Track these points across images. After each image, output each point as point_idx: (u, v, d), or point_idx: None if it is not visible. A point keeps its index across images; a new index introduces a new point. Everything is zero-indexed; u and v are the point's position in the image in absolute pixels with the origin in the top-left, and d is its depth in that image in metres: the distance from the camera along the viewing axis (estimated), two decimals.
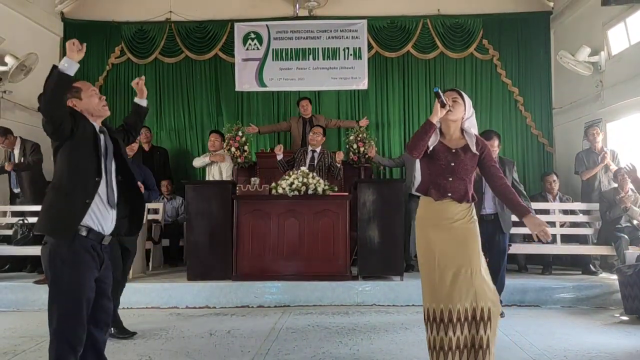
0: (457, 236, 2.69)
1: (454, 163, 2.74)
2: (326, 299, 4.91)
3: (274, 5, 7.88)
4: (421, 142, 2.69)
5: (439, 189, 2.74)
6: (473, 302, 2.60)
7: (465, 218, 2.73)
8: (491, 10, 7.77)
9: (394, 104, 7.85)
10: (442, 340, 2.60)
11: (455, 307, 2.60)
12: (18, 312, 4.84)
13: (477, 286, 2.62)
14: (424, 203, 2.82)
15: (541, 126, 7.69)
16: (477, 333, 2.59)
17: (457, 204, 2.73)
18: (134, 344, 3.65)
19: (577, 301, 4.89)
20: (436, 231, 2.71)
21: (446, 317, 2.60)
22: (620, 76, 6.11)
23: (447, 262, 2.65)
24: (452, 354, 2.59)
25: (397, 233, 5.14)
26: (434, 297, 2.65)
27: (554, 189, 6.03)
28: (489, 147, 2.87)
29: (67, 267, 2.33)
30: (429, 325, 2.66)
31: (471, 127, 2.82)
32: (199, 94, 7.97)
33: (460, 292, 2.61)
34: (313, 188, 5.02)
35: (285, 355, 3.37)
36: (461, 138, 2.81)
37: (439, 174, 2.75)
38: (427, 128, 2.68)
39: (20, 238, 5.58)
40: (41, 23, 7.42)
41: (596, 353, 3.37)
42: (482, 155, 2.80)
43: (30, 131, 6.70)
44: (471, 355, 2.60)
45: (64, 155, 2.39)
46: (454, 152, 2.76)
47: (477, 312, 2.59)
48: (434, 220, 2.74)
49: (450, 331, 2.59)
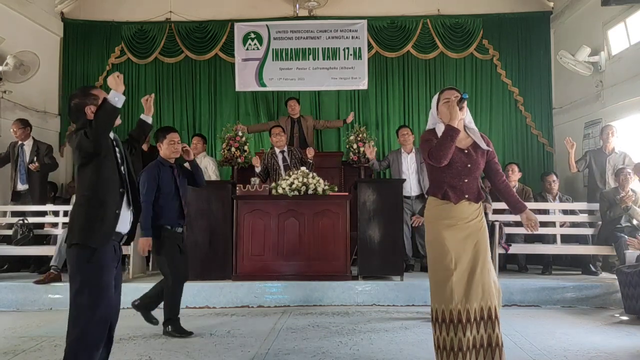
0: (471, 236, 2.69)
1: (470, 164, 2.74)
2: (326, 299, 4.92)
3: (274, 5, 7.88)
4: (449, 150, 2.67)
5: (457, 192, 2.73)
6: (487, 300, 2.61)
7: (478, 217, 2.75)
8: (491, 10, 7.77)
9: (394, 104, 7.86)
10: (460, 341, 2.58)
11: (472, 306, 2.60)
12: (18, 312, 4.85)
13: (487, 284, 2.63)
14: (437, 204, 2.78)
15: (541, 126, 7.69)
16: (493, 331, 2.59)
17: (473, 204, 2.75)
18: (134, 344, 3.65)
19: (577, 301, 4.89)
20: (452, 231, 2.70)
21: (464, 318, 2.59)
22: (620, 76, 6.11)
23: (464, 263, 2.65)
24: (469, 354, 2.58)
25: (397, 233, 5.14)
26: (449, 298, 2.63)
27: (554, 189, 6.03)
28: (491, 142, 2.89)
29: (99, 270, 2.47)
30: (440, 325, 2.64)
31: (471, 121, 2.82)
32: (199, 94, 7.98)
33: (476, 292, 2.61)
34: (313, 188, 5.02)
35: (285, 355, 3.37)
36: (466, 136, 2.81)
37: (455, 176, 2.74)
38: (452, 134, 2.66)
39: (21, 238, 5.57)
40: (41, 23, 7.42)
41: (596, 353, 3.37)
42: (491, 154, 2.82)
43: None
44: (488, 354, 2.59)
45: (93, 168, 2.52)
46: (466, 152, 2.75)
47: (490, 311, 2.60)
48: (450, 221, 2.72)
49: (468, 331, 2.58)
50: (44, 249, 5.66)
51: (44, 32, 7.54)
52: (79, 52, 7.93)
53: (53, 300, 4.95)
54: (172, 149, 3.96)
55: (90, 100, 2.56)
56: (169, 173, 3.93)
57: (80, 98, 2.57)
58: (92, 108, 2.55)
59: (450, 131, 2.66)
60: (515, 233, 5.56)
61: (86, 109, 2.54)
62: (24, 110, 6.93)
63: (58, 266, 5.11)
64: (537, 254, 5.81)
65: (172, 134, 3.99)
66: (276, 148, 5.89)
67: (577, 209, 5.83)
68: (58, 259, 5.13)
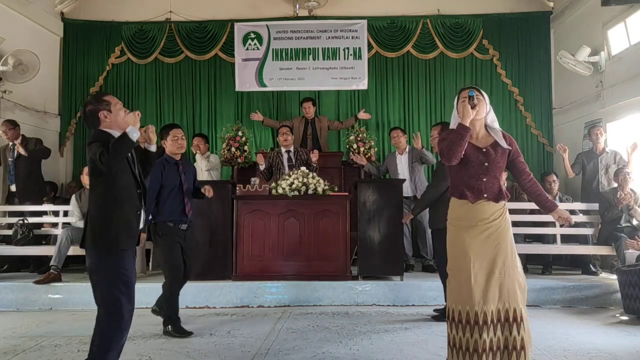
0: (491, 236, 2.67)
1: (487, 163, 2.72)
2: (326, 299, 4.92)
3: (274, 5, 7.89)
4: (459, 148, 2.66)
5: (474, 191, 2.71)
6: (506, 302, 2.59)
7: (501, 217, 2.71)
8: (491, 10, 7.78)
9: (394, 104, 7.86)
10: (477, 342, 2.57)
11: (490, 308, 2.58)
12: (18, 312, 4.85)
13: (509, 287, 2.61)
14: (457, 204, 2.78)
15: (541, 126, 7.69)
16: (511, 334, 2.58)
17: (494, 203, 2.71)
18: (134, 344, 3.65)
19: (577, 301, 4.89)
20: (471, 232, 2.68)
21: (481, 320, 2.58)
22: (620, 76, 6.11)
23: (482, 264, 2.63)
24: (485, 356, 2.57)
25: (397, 233, 5.14)
26: (467, 299, 2.62)
27: (554, 189, 6.03)
28: (514, 141, 2.86)
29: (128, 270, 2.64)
30: (459, 325, 2.64)
31: (494, 120, 2.79)
32: (199, 94, 7.98)
33: (494, 294, 2.60)
34: (313, 188, 5.02)
35: (285, 355, 3.37)
36: (487, 135, 2.78)
37: (472, 175, 2.72)
38: (462, 133, 2.65)
39: (21, 238, 5.58)
40: (41, 23, 7.42)
41: (596, 353, 3.37)
42: (514, 153, 2.79)
43: (30, 131, 6.72)
44: (504, 357, 2.58)
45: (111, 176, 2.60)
46: (484, 151, 2.73)
47: (510, 313, 2.58)
48: (470, 222, 2.70)
49: (485, 333, 2.57)
50: (44, 249, 5.66)
51: (44, 32, 7.54)
52: (79, 52, 7.93)
53: (53, 300, 4.95)
54: (177, 145, 3.99)
55: (103, 105, 2.67)
56: (174, 169, 3.96)
57: (93, 104, 2.67)
58: (105, 113, 2.66)
59: (461, 130, 2.65)
60: (515, 233, 5.54)
61: (100, 114, 2.65)
62: (24, 110, 6.93)
63: (58, 266, 5.11)
64: (537, 254, 5.82)
65: (175, 130, 4.03)
66: (282, 147, 5.89)
67: (577, 209, 5.83)
68: (58, 259, 5.12)
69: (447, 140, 2.73)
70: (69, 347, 3.60)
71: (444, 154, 2.71)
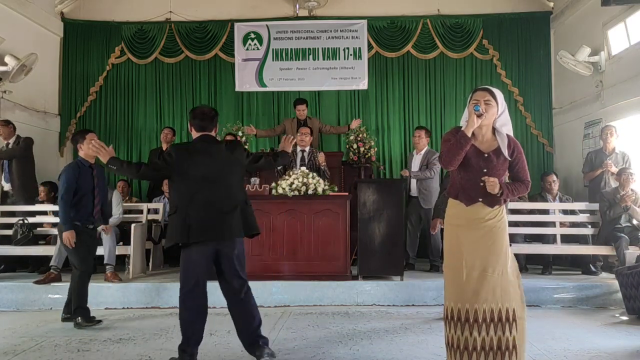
0: (486, 235, 2.67)
1: (487, 169, 2.69)
2: (326, 299, 4.91)
3: (274, 6, 7.88)
4: (457, 157, 2.66)
5: (470, 195, 2.71)
6: (499, 302, 2.59)
7: (496, 217, 2.71)
8: (491, 10, 7.77)
9: (394, 104, 7.85)
10: (467, 340, 2.58)
11: (481, 307, 2.58)
12: (18, 312, 4.85)
13: (503, 286, 2.61)
14: (453, 204, 2.79)
15: (541, 126, 7.69)
16: (503, 334, 2.57)
17: (489, 207, 2.70)
18: (134, 344, 3.65)
19: (577, 301, 4.89)
20: (466, 230, 2.69)
21: (471, 317, 2.58)
22: (620, 76, 6.11)
23: (475, 262, 2.63)
24: (476, 354, 2.57)
25: (397, 233, 5.14)
26: (459, 296, 2.63)
27: (554, 189, 6.02)
28: (521, 150, 2.79)
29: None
30: (450, 323, 2.64)
31: (504, 124, 2.73)
32: (199, 94, 7.97)
33: (486, 293, 2.59)
34: (313, 188, 5.02)
35: (285, 355, 3.37)
36: (493, 139, 2.75)
37: (471, 179, 2.71)
38: (462, 143, 2.64)
39: (21, 238, 5.57)
40: (41, 23, 7.41)
41: (596, 353, 3.37)
42: (514, 161, 2.74)
43: (30, 131, 6.70)
44: (497, 357, 2.57)
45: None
46: (486, 156, 2.70)
47: (502, 313, 2.58)
48: (465, 221, 2.71)
49: (475, 331, 2.57)
50: (44, 249, 5.65)
51: (44, 32, 7.54)
52: (79, 52, 7.92)
53: (53, 300, 4.94)
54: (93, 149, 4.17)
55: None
56: (88, 173, 4.21)
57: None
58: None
59: (462, 139, 2.64)
60: (515, 233, 5.55)
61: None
62: (24, 110, 6.93)
63: (58, 266, 5.10)
64: (537, 254, 5.81)
65: (90, 134, 4.20)
66: (298, 146, 5.89)
67: (577, 209, 5.83)
68: (58, 259, 5.11)
69: (449, 143, 2.72)
70: (69, 347, 3.59)
71: (442, 158, 2.71)
